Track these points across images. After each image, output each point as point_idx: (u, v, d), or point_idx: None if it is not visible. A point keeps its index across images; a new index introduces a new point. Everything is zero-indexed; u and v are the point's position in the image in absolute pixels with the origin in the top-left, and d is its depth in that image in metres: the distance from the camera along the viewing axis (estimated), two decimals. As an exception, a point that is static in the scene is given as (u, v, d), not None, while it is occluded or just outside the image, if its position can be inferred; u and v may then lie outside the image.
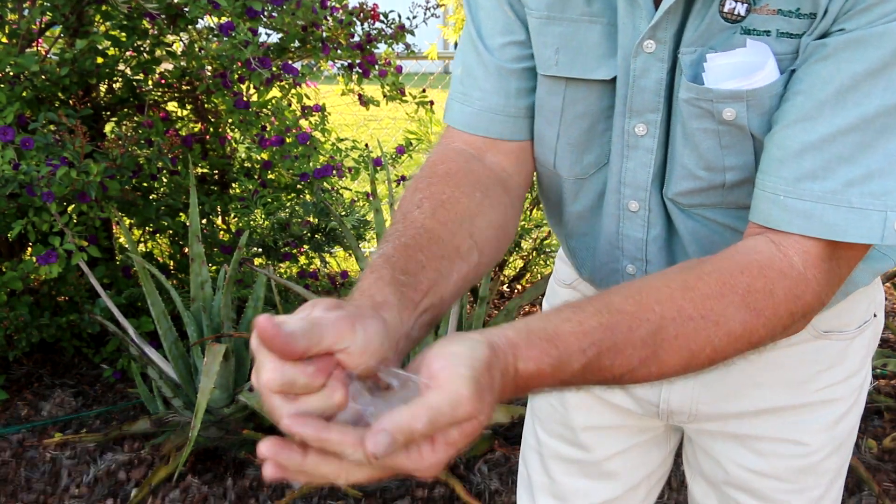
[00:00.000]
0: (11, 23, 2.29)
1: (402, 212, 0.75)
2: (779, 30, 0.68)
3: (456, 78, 0.87)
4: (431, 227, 0.72)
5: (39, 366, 2.71)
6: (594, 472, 1.06)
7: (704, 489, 1.04)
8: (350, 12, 2.61)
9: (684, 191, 0.79)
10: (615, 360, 0.61)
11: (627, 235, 0.86)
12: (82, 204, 2.21)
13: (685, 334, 0.63)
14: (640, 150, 0.80)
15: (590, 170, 0.86)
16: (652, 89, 0.76)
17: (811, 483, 0.96)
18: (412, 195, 0.77)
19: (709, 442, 1.00)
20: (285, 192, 2.75)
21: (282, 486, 2.13)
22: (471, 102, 0.85)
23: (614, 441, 1.04)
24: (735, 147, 0.74)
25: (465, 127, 0.85)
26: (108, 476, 2.17)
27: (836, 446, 0.96)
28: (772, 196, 0.69)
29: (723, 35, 0.70)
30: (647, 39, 0.73)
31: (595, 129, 0.83)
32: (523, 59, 0.84)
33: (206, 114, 2.81)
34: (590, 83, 0.80)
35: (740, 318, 0.64)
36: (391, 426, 0.48)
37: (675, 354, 0.63)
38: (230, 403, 2.14)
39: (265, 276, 2.30)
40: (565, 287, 1.08)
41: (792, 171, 0.67)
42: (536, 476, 1.12)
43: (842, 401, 0.94)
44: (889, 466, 2.27)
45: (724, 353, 0.65)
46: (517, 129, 0.86)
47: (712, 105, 0.72)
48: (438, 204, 0.75)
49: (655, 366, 0.63)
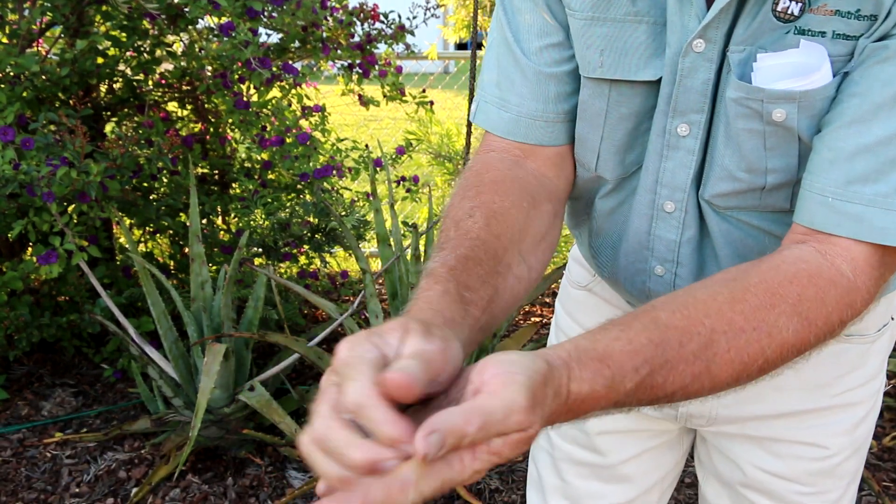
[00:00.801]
0: (12, 23, 2.29)
1: (453, 220, 0.73)
2: (835, 31, 0.67)
3: (490, 82, 0.84)
4: (487, 240, 0.70)
5: (40, 365, 2.71)
6: (608, 475, 1.05)
7: (717, 490, 1.03)
8: (350, 12, 2.62)
9: (722, 192, 0.78)
10: (668, 377, 0.59)
11: (660, 237, 0.84)
12: (82, 204, 2.22)
13: (737, 347, 0.61)
14: (682, 151, 0.78)
15: (631, 168, 0.84)
16: (698, 89, 0.74)
17: (829, 486, 0.96)
18: (461, 203, 0.75)
19: (726, 443, 0.99)
20: (285, 192, 2.75)
21: (282, 485, 2.14)
22: (508, 108, 0.83)
23: (629, 445, 1.03)
24: (780, 149, 0.73)
25: (504, 133, 0.83)
26: (108, 475, 2.17)
27: (855, 449, 0.96)
28: (819, 198, 0.67)
29: (774, 34, 0.69)
30: (696, 38, 0.71)
31: (639, 129, 0.81)
32: (562, 63, 0.82)
33: (206, 114, 2.81)
34: (635, 84, 0.78)
35: (793, 328, 0.63)
36: (443, 426, 0.44)
37: (727, 368, 0.62)
38: (230, 403, 2.15)
39: (265, 276, 2.31)
40: (580, 289, 1.06)
41: (843, 174, 0.66)
42: (548, 477, 1.10)
43: (862, 404, 0.94)
44: (889, 465, 2.27)
45: (776, 363, 0.64)
46: (556, 135, 0.84)
47: (762, 105, 0.71)
48: (491, 215, 0.73)
49: (708, 380, 0.61)
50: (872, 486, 2.01)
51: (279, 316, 2.57)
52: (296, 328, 2.76)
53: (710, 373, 0.61)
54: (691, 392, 0.61)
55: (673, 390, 0.60)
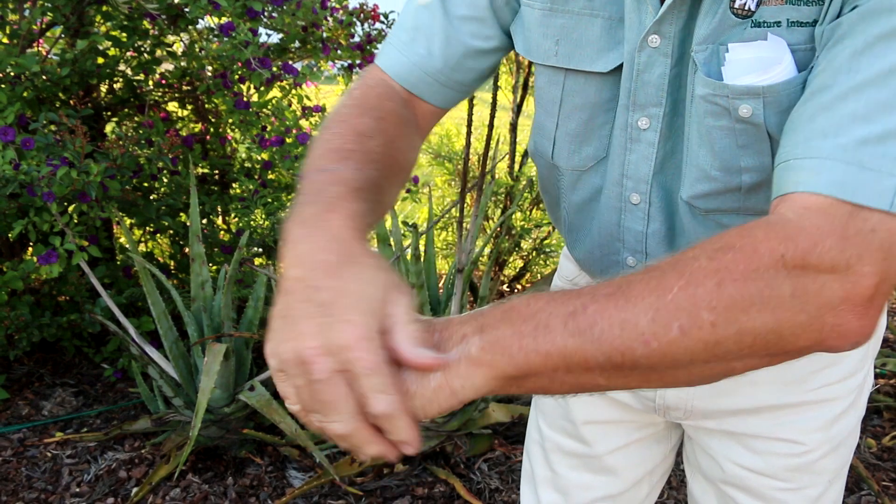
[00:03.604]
0: (12, 23, 2.30)
1: (354, 129, 0.76)
2: (789, 19, 0.67)
3: (403, 28, 0.88)
4: (383, 168, 0.73)
5: (40, 365, 2.71)
6: (596, 466, 1.07)
7: (703, 487, 1.04)
8: (350, 13, 2.62)
9: (700, 193, 0.79)
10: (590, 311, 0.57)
11: (628, 228, 0.87)
12: (83, 204, 2.22)
13: (647, 277, 0.56)
14: (643, 144, 0.81)
15: (588, 162, 0.87)
16: (655, 84, 0.77)
17: (808, 482, 0.96)
18: (361, 117, 0.78)
19: (706, 440, 1.00)
20: (285, 192, 2.75)
21: (282, 484, 2.14)
22: (409, 55, 0.86)
23: (615, 436, 1.05)
24: (752, 147, 0.73)
25: (396, 76, 0.87)
26: (108, 474, 2.17)
27: (834, 446, 0.96)
28: (782, 164, 0.62)
29: (735, 31, 0.70)
30: (651, 34, 0.74)
31: (594, 121, 0.84)
32: (476, 39, 0.86)
33: (206, 114, 2.81)
34: (588, 75, 0.81)
35: (707, 254, 0.56)
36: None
37: (643, 288, 0.55)
38: (230, 403, 2.15)
39: (265, 275, 2.31)
40: (567, 283, 1.09)
41: (802, 135, 0.61)
42: (539, 469, 1.12)
43: (838, 401, 0.94)
44: (888, 465, 2.27)
45: (701, 281, 0.55)
46: (442, 98, 0.88)
47: (728, 101, 0.71)
48: (389, 143, 0.77)
49: (624, 301, 0.55)
50: (872, 485, 2.01)
51: (279, 316, 2.56)
52: (296, 328, 2.76)
53: (624, 291, 0.55)
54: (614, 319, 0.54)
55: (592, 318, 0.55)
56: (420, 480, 2.13)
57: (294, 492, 2.00)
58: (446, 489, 2.11)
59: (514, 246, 3.29)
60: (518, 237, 3.24)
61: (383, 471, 2.16)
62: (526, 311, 0.55)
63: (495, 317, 0.56)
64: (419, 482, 2.13)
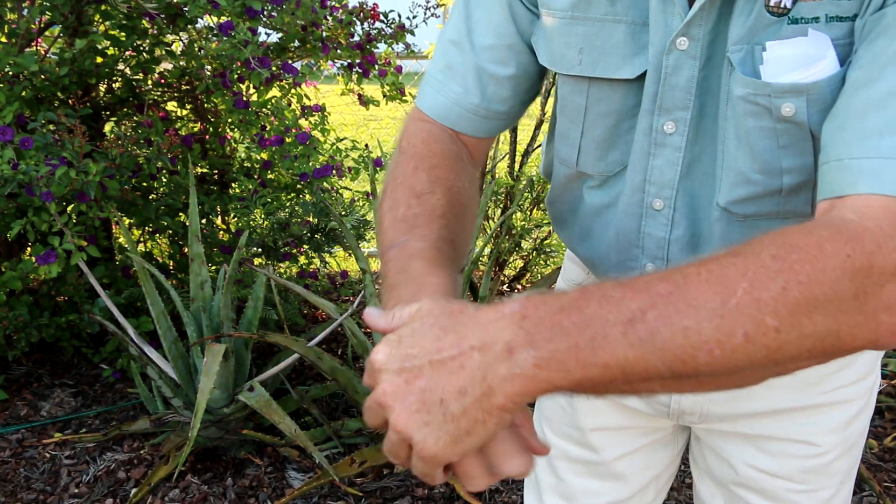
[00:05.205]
0: (11, 22, 2.29)
1: (411, 190, 0.77)
2: (828, 14, 0.66)
3: (437, 66, 0.87)
4: (450, 220, 0.75)
5: (39, 365, 2.71)
6: (603, 472, 1.05)
7: (712, 489, 1.03)
8: (350, 12, 2.61)
9: (739, 198, 0.76)
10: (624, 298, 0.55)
11: (649, 234, 0.84)
12: (81, 204, 2.21)
13: (708, 269, 0.54)
14: (669, 149, 0.79)
15: (615, 167, 0.85)
16: (683, 87, 0.75)
17: (821, 484, 0.96)
18: (415, 173, 0.79)
19: (719, 442, 0.99)
20: (285, 192, 2.75)
21: (281, 485, 2.13)
22: (446, 94, 0.86)
23: (623, 442, 1.03)
24: (793, 147, 0.71)
25: (436, 116, 0.87)
26: (107, 475, 2.17)
27: (847, 448, 0.95)
28: (835, 163, 0.61)
29: (771, 29, 0.69)
30: (680, 37, 0.72)
31: (620, 126, 0.82)
32: (507, 65, 0.84)
33: (205, 113, 2.80)
34: (613, 82, 0.79)
35: (771, 252, 0.54)
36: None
37: (702, 287, 0.53)
38: (230, 403, 2.14)
39: (265, 276, 2.30)
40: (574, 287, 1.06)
41: (855, 133, 0.60)
42: (544, 476, 1.11)
43: (853, 402, 0.93)
44: (890, 466, 2.27)
45: (765, 284, 0.53)
46: (484, 129, 0.88)
47: (770, 101, 0.69)
48: (448, 191, 0.78)
49: (682, 301, 0.53)
50: (873, 486, 2.00)
51: (279, 316, 2.56)
52: (295, 328, 2.76)
53: (683, 293, 0.53)
54: (672, 318, 0.52)
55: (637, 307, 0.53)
56: (420, 481, 2.13)
57: (294, 492, 2.00)
58: (446, 490, 2.11)
59: (515, 246, 3.29)
60: (518, 237, 3.24)
61: (383, 471, 2.16)
62: (579, 318, 0.53)
63: (544, 324, 0.53)
64: (419, 483, 2.13)
